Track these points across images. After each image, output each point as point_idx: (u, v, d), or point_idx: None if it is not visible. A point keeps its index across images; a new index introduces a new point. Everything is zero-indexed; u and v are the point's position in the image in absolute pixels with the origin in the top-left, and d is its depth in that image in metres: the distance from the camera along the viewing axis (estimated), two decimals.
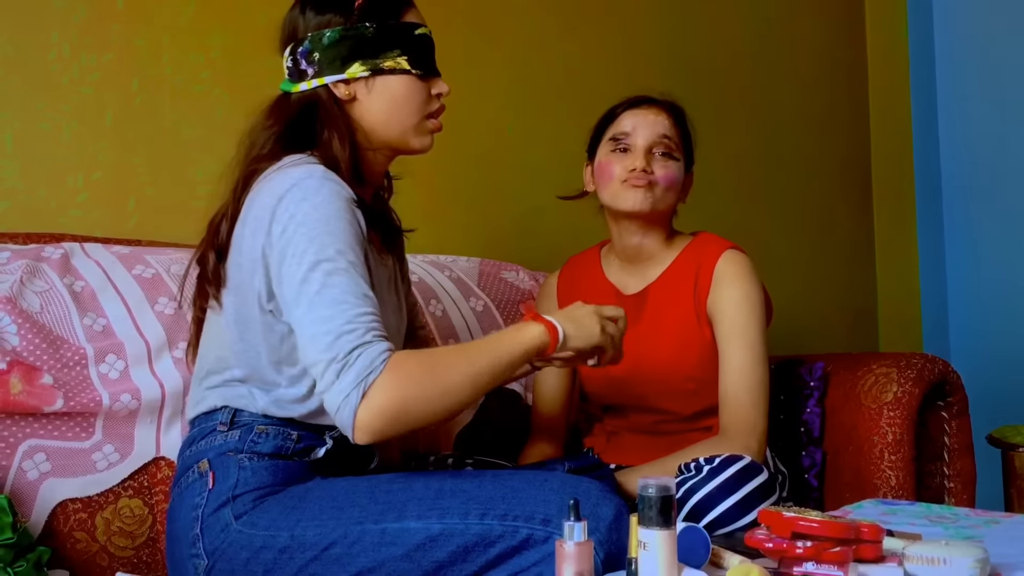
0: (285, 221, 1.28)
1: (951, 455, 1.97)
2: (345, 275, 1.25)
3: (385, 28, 1.40)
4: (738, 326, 1.73)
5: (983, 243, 3.24)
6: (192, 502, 1.33)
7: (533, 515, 1.21)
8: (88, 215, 1.88)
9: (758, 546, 1.21)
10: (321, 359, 1.22)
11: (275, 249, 1.29)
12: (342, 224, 1.28)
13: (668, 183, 1.76)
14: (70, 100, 1.87)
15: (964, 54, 3.28)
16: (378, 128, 1.42)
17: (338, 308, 1.23)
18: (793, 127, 3.10)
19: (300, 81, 1.42)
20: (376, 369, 1.21)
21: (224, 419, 1.37)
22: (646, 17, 2.74)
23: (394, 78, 1.41)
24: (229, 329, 1.38)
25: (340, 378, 1.21)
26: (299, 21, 1.43)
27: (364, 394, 1.20)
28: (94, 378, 1.57)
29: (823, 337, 3.00)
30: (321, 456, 1.38)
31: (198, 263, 1.44)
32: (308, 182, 1.29)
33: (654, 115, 1.79)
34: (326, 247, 1.26)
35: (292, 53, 1.43)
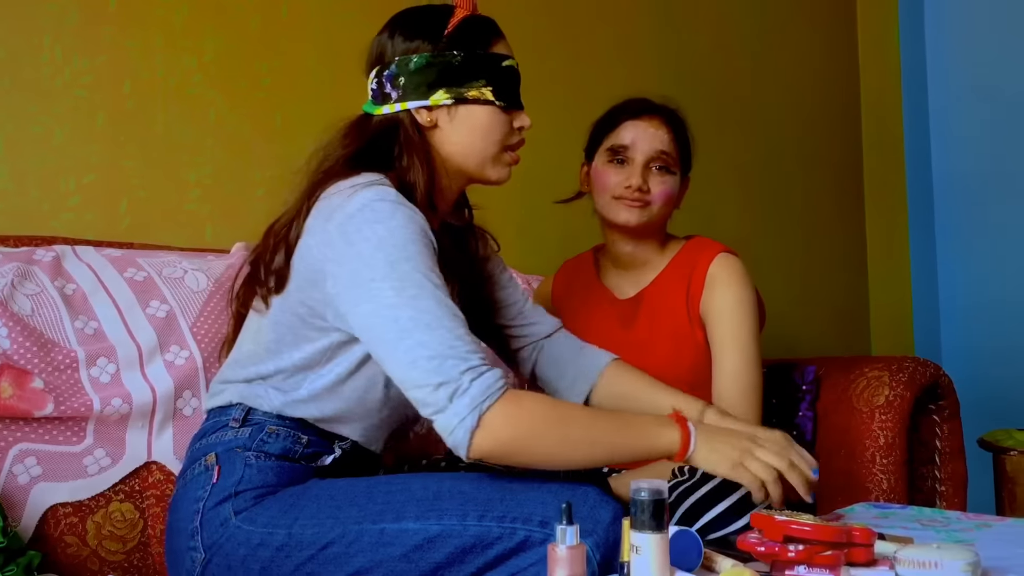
0: (358, 243, 1.27)
1: (943, 458, 1.97)
2: (433, 297, 1.25)
3: (473, 57, 1.40)
4: (731, 329, 1.73)
5: (974, 247, 3.25)
6: (195, 495, 1.33)
7: (531, 517, 1.21)
8: (80, 218, 1.87)
9: (750, 550, 1.21)
10: (427, 382, 1.22)
11: (345, 269, 1.28)
12: (420, 247, 1.28)
13: (663, 200, 1.77)
14: (62, 103, 1.87)
15: (955, 60, 3.29)
16: (456, 157, 1.42)
17: (434, 332, 1.23)
18: (786, 132, 3.11)
19: (383, 104, 1.42)
20: (493, 396, 1.22)
21: (237, 416, 1.38)
22: (642, 22, 2.75)
23: (477, 108, 1.41)
24: (268, 330, 1.39)
25: (454, 401, 1.21)
26: (387, 45, 1.42)
27: (480, 418, 1.21)
28: (85, 382, 1.57)
29: (815, 341, 3.01)
30: (327, 464, 1.38)
31: (251, 264, 1.43)
32: (381, 205, 1.28)
33: (654, 128, 1.78)
34: (410, 271, 1.25)
35: (378, 76, 1.43)
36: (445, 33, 1.39)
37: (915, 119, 3.32)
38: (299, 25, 2.16)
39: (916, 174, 3.30)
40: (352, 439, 1.41)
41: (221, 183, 2.04)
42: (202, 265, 1.79)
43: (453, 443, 1.23)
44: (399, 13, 1.46)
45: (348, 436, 1.41)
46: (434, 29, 1.40)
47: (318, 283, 1.32)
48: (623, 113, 1.81)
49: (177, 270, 1.75)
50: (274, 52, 2.12)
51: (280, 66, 2.12)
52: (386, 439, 1.46)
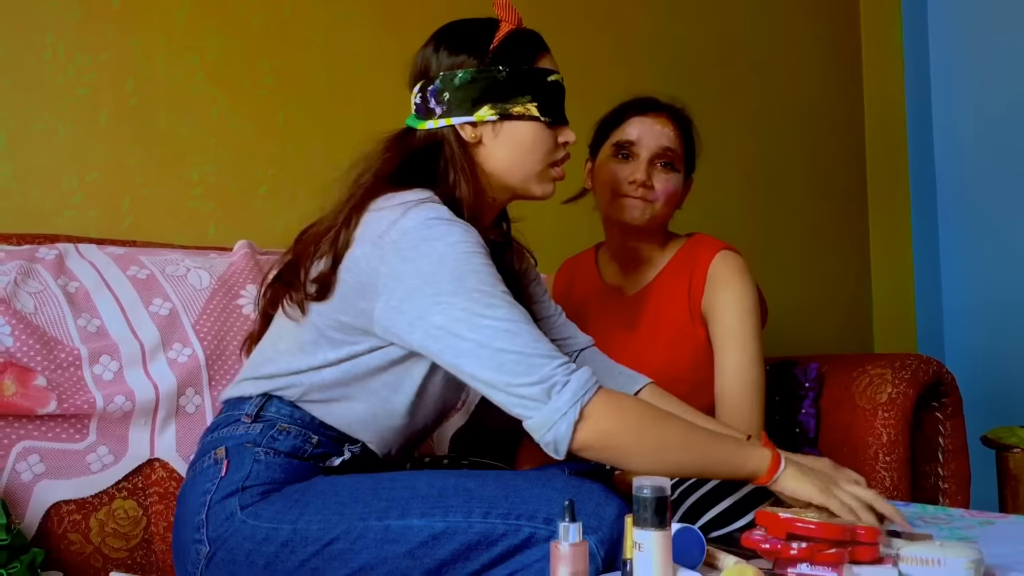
0: (416, 259, 1.27)
1: (945, 456, 1.97)
2: (504, 304, 1.26)
3: (518, 73, 1.39)
4: (732, 327, 1.73)
5: (977, 244, 3.25)
6: (203, 487, 1.33)
7: (536, 514, 1.22)
8: (83, 216, 1.88)
9: (754, 547, 1.21)
10: (519, 382, 1.23)
11: (403, 285, 1.28)
12: (482, 259, 1.29)
13: (667, 197, 1.76)
14: (65, 101, 1.87)
15: (958, 55, 3.28)
16: (500, 173, 1.41)
17: (514, 336, 1.24)
18: (788, 129, 3.11)
19: (427, 119, 1.41)
20: (591, 390, 1.24)
21: (250, 411, 1.38)
22: (643, 19, 2.75)
23: (522, 124, 1.40)
24: (302, 332, 1.38)
25: (553, 397, 1.23)
26: (432, 59, 1.41)
27: (582, 411, 1.23)
28: (88, 380, 1.57)
29: (818, 338, 3.01)
30: (335, 465, 1.38)
31: (287, 267, 1.41)
32: (436, 223, 1.29)
33: (660, 125, 1.78)
34: (477, 282, 1.26)
35: (422, 90, 1.42)
36: (491, 48, 1.39)
37: (918, 118, 3.31)
38: (301, 24, 2.16)
39: (919, 172, 3.30)
40: (364, 442, 1.41)
41: (223, 181, 2.04)
42: (204, 263, 1.79)
43: (553, 438, 1.24)
44: (445, 27, 1.45)
45: (361, 439, 1.40)
46: (479, 44, 1.39)
47: (365, 295, 1.31)
48: (629, 109, 1.81)
49: (180, 268, 1.75)
50: (276, 51, 2.12)
51: (282, 65, 2.12)
52: (399, 448, 1.45)
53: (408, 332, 1.29)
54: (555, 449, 1.24)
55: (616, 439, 1.25)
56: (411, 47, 1.49)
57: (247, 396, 1.40)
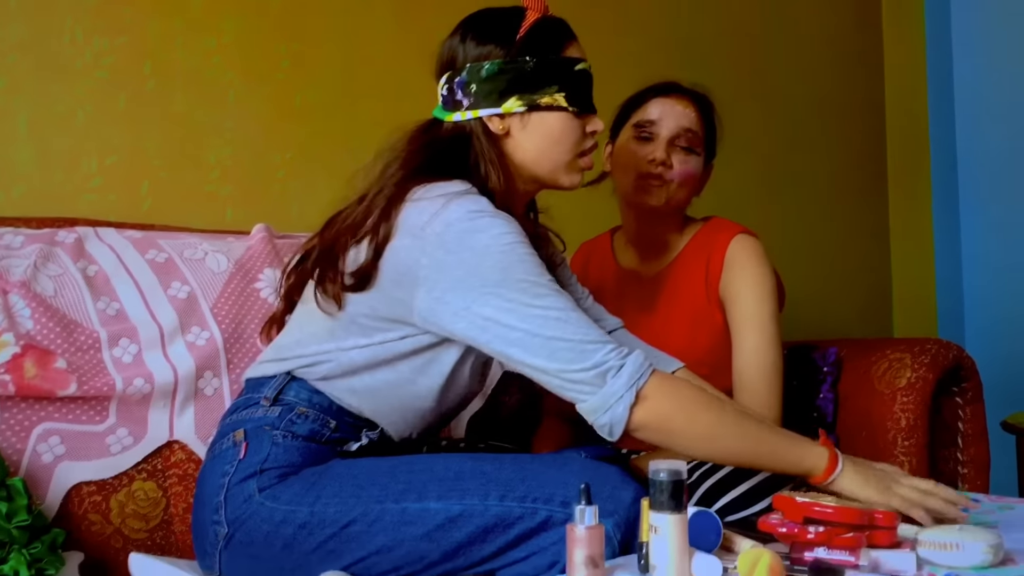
0: (460, 251, 1.27)
1: (965, 441, 1.96)
2: (552, 293, 1.27)
3: (545, 63, 1.38)
4: (750, 310, 1.72)
5: (999, 228, 3.21)
6: (221, 469, 1.34)
7: (552, 497, 1.22)
8: (102, 199, 1.88)
9: (771, 531, 1.21)
10: (574, 367, 1.25)
11: (447, 276, 1.28)
12: (526, 248, 1.30)
13: (684, 178, 1.75)
14: (83, 84, 1.88)
15: (981, 36, 3.24)
16: (529, 164, 1.41)
17: (565, 324, 1.25)
18: (806, 111, 3.08)
19: (454, 111, 1.40)
20: (646, 373, 1.26)
21: (270, 394, 1.38)
22: (657, 4, 2.73)
23: (550, 115, 1.39)
24: (336, 318, 1.38)
25: (608, 381, 1.25)
26: (458, 50, 1.40)
27: (638, 393, 1.25)
28: (107, 362, 1.58)
29: (837, 322, 2.99)
30: (353, 450, 1.39)
31: (320, 255, 1.39)
32: (479, 215, 1.29)
33: (682, 106, 1.77)
34: (523, 273, 1.27)
35: (448, 82, 1.41)
36: (517, 38, 1.38)
37: (940, 101, 3.27)
38: (319, 7, 2.16)
39: (940, 155, 3.26)
40: (383, 427, 1.41)
41: (241, 165, 2.05)
42: (222, 247, 1.80)
43: (609, 420, 1.25)
44: (470, 16, 1.43)
45: (381, 424, 1.41)
46: (506, 34, 1.38)
47: (403, 285, 1.31)
48: (651, 91, 1.81)
49: (198, 251, 1.76)
50: (293, 34, 2.12)
51: (299, 48, 2.12)
52: (419, 433, 1.46)
53: (451, 322, 1.29)
54: (610, 431, 1.26)
55: (672, 422, 1.27)
56: (429, 31, 1.48)
57: (269, 376, 1.41)
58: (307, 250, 1.46)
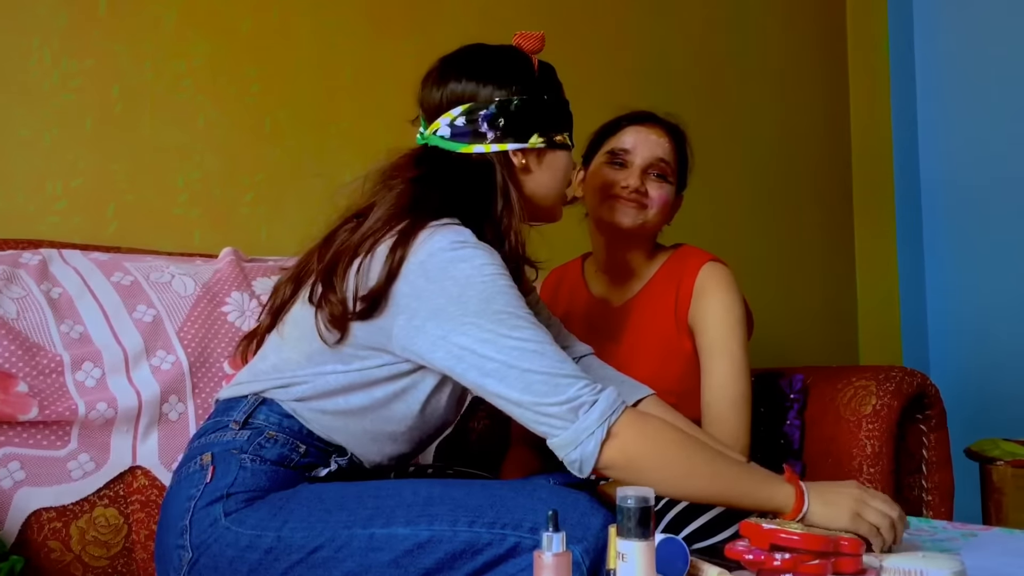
0: (441, 280, 1.29)
1: (929, 468, 1.98)
2: (529, 326, 1.28)
3: (556, 102, 1.47)
4: (719, 338, 1.73)
5: (962, 258, 3.26)
6: (187, 492, 1.33)
7: (521, 523, 1.22)
8: (67, 221, 1.87)
9: (738, 558, 1.21)
10: (547, 401, 1.25)
11: (426, 304, 1.29)
12: (507, 281, 1.31)
13: (660, 205, 1.77)
14: (50, 106, 1.86)
15: (944, 68, 3.31)
16: (538, 197, 1.47)
17: (540, 357, 1.26)
18: (774, 142, 3.12)
19: (475, 143, 1.42)
20: (619, 410, 1.26)
21: (239, 417, 1.37)
22: (625, 30, 2.76)
23: (561, 152, 1.48)
24: (305, 345, 1.37)
25: (581, 416, 1.25)
26: (478, 84, 1.43)
27: (610, 430, 1.25)
28: (70, 386, 1.56)
29: (803, 350, 3.02)
30: (322, 476, 1.38)
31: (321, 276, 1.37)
32: (463, 245, 1.31)
33: (656, 136, 1.79)
34: (503, 305, 1.28)
35: (468, 114, 1.42)
36: (535, 76, 1.44)
37: (903, 129, 3.33)
38: (289, 31, 2.16)
39: (904, 184, 3.31)
40: (353, 453, 1.40)
41: (210, 188, 2.04)
42: (190, 270, 1.78)
43: (579, 456, 1.25)
44: (473, 54, 1.46)
45: (352, 450, 1.40)
46: (525, 73, 1.44)
47: (383, 312, 1.32)
48: (627, 119, 1.83)
49: (164, 275, 1.74)
50: (264, 57, 2.11)
51: (270, 71, 2.12)
52: (390, 461, 1.45)
53: (429, 351, 1.30)
54: (580, 468, 1.26)
55: (642, 460, 1.27)
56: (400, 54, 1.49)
57: (242, 396, 1.40)
58: (300, 270, 1.45)
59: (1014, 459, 2.32)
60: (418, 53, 1.46)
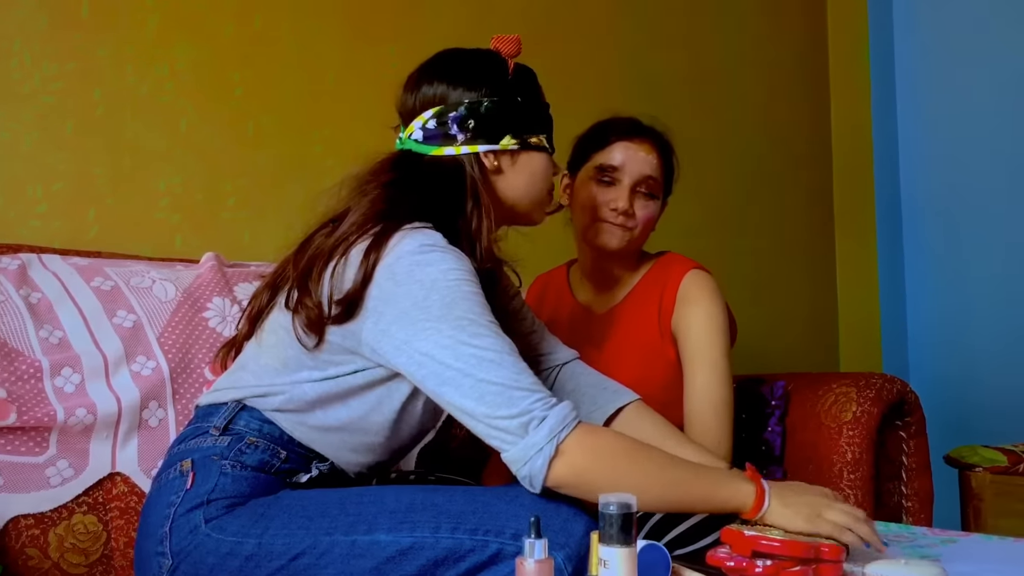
0: (408, 283, 1.28)
1: (909, 474, 1.99)
2: (491, 334, 1.27)
3: (532, 104, 1.46)
4: (702, 346, 1.74)
5: (942, 265, 3.29)
6: (167, 499, 1.32)
7: (503, 530, 1.21)
8: (47, 226, 1.85)
9: (719, 564, 1.21)
10: (499, 414, 1.23)
11: (392, 308, 1.28)
12: (472, 287, 1.30)
13: (645, 225, 1.78)
14: (31, 109, 1.85)
15: (924, 80, 3.33)
16: (511, 200, 1.46)
17: (498, 367, 1.24)
18: (756, 150, 3.13)
19: (445, 145, 1.42)
20: (569, 425, 1.24)
21: (219, 423, 1.36)
22: (612, 38, 2.77)
23: (536, 154, 1.46)
24: (280, 351, 1.37)
25: (530, 432, 1.22)
26: (449, 87, 1.43)
27: (558, 447, 1.22)
28: (49, 392, 1.55)
29: (784, 356, 3.03)
30: (303, 482, 1.37)
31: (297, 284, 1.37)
32: (432, 248, 1.30)
33: (645, 152, 1.78)
34: (465, 311, 1.27)
35: (439, 116, 1.42)
36: (508, 79, 1.44)
37: (884, 138, 3.35)
38: (272, 35, 2.15)
39: (885, 193, 3.33)
40: (332, 461, 1.40)
41: (191, 192, 2.03)
42: (171, 275, 1.77)
43: (528, 472, 1.23)
44: (449, 57, 1.47)
45: (332, 458, 1.39)
46: (498, 75, 1.44)
47: (358, 314, 1.31)
48: (614, 132, 1.80)
49: (145, 280, 1.73)
50: (247, 62, 2.11)
51: (253, 76, 2.11)
52: (369, 468, 1.44)
53: (394, 355, 1.29)
54: (530, 484, 1.24)
55: (592, 475, 1.24)
56: (382, 59, 1.49)
57: (221, 403, 1.39)
58: (277, 276, 1.44)
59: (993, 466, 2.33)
60: (400, 59, 1.46)
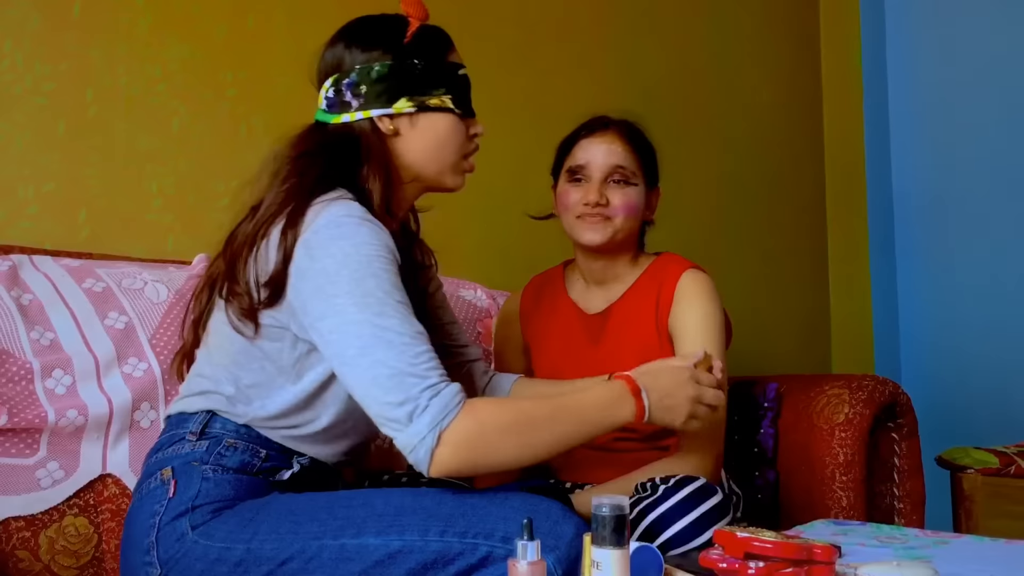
0: (322, 258, 1.27)
1: (901, 476, 1.99)
2: (396, 315, 1.25)
3: (432, 66, 1.42)
4: (697, 344, 1.74)
5: (933, 267, 3.29)
6: (151, 509, 1.31)
7: (493, 532, 1.21)
8: (38, 227, 1.84)
9: (711, 566, 1.21)
10: (387, 400, 1.22)
11: (308, 283, 1.28)
12: (384, 264, 1.28)
13: (627, 212, 1.77)
14: (22, 110, 1.84)
15: (916, 80, 3.34)
16: (416, 164, 1.44)
17: (396, 349, 1.23)
18: (749, 151, 3.14)
19: (342, 112, 1.42)
20: (451, 412, 1.23)
21: (195, 428, 1.36)
22: (605, 39, 2.77)
23: (438, 116, 1.43)
24: (228, 346, 1.37)
25: (414, 421, 1.22)
26: (345, 54, 1.42)
27: (440, 436, 1.22)
28: (40, 393, 1.54)
29: (777, 358, 3.03)
30: (286, 479, 1.37)
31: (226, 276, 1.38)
32: (347, 220, 1.29)
33: (607, 144, 1.79)
34: (373, 288, 1.25)
35: (335, 84, 1.42)
36: (404, 42, 1.41)
37: (876, 141, 3.36)
38: (265, 35, 2.15)
39: (877, 195, 3.34)
40: (311, 455, 1.39)
41: (184, 193, 2.02)
42: (163, 276, 1.77)
43: (414, 461, 1.23)
44: (352, 22, 1.46)
45: (309, 453, 1.39)
46: (393, 38, 1.41)
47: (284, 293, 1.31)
48: (579, 133, 1.83)
49: (137, 281, 1.73)
50: (240, 62, 2.10)
51: (245, 76, 2.11)
52: (344, 453, 1.44)
53: (312, 331, 1.29)
54: (421, 471, 1.24)
55: (474, 461, 1.24)
56: None
57: (191, 412, 1.38)
58: (211, 276, 1.44)
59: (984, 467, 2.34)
60: None
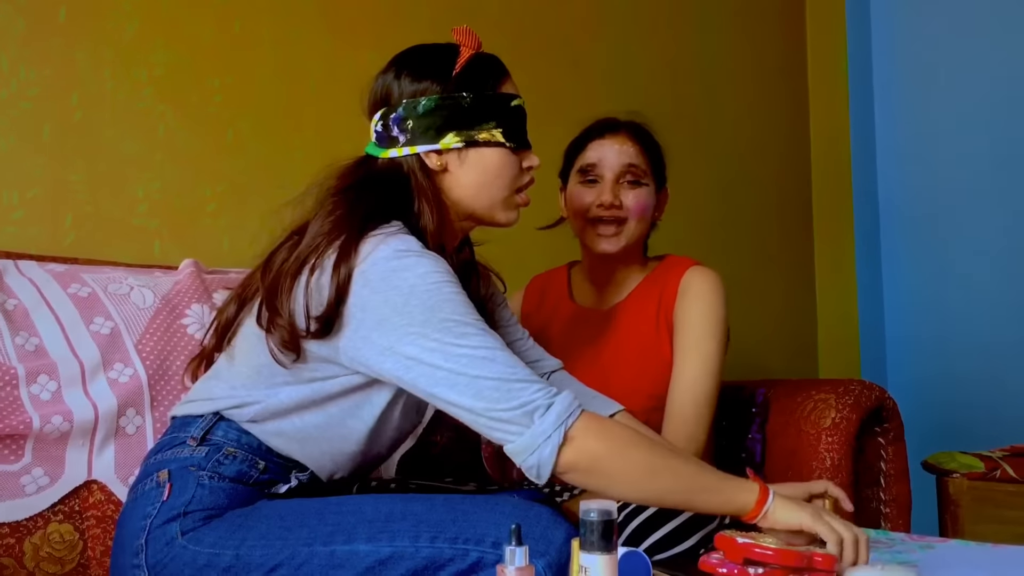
0: (385, 291, 1.25)
1: (887, 480, 2.00)
2: (481, 332, 1.25)
3: (482, 99, 1.38)
4: (697, 336, 1.74)
5: (919, 273, 3.31)
6: (143, 511, 1.30)
7: (483, 538, 1.21)
8: (23, 232, 1.83)
9: (711, 570, 1.21)
10: (500, 407, 1.22)
11: (371, 315, 1.26)
12: (453, 288, 1.27)
13: (639, 213, 1.78)
14: (7, 114, 1.83)
15: (902, 87, 3.36)
16: (465, 200, 1.40)
17: (494, 363, 1.23)
18: (735, 156, 3.15)
19: (390, 148, 1.39)
20: (575, 413, 1.23)
21: (197, 433, 1.35)
22: (594, 47, 2.77)
23: (488, 150, 1.39)
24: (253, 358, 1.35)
25: (536, 420, 1.21)
26: (393, 86, 1.39)
27: (566, 434, 1.22)
28: (24, 399, 1.53)
29: (764, 363, 3.04)
30: (282, 492, 1.36)
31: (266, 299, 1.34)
32: (407, 253, 1.28)
33: (619, 144, 1.80)
34: (450, 312, 1.25)
35: (383, 118, 1.39)
36: (453, 73, 1.38)
37: (862, 147, 3.38)
38: (252, 40, 2.14)
39: (862, 199, 3.36)
40: (312, 469, 1.38)
41: (170, 198, 2.01)
42: (149, 281, 1.76)
43: (536, 461, 1.22)
44: (404, 53, 1.43)
45: (311, 466, 1.38)
46: (442, 69, 1.38)
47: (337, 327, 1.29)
48: (589, 134, 1.84)
49: (123, 286, 1.72)
50: (226, 67, 2.10)
51: (232, 81, 2.10)
52: (349, 473, 1.43)
53: (378, 362, 1.28)
54: (537, 473, 1.23)
55: (602, 462, 1.24)
56: (363, 65, 1.48)
57: (196, 415, 1.37)
58: (243, 295, 1.42)
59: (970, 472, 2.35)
60: (382, 63, 1.45)
